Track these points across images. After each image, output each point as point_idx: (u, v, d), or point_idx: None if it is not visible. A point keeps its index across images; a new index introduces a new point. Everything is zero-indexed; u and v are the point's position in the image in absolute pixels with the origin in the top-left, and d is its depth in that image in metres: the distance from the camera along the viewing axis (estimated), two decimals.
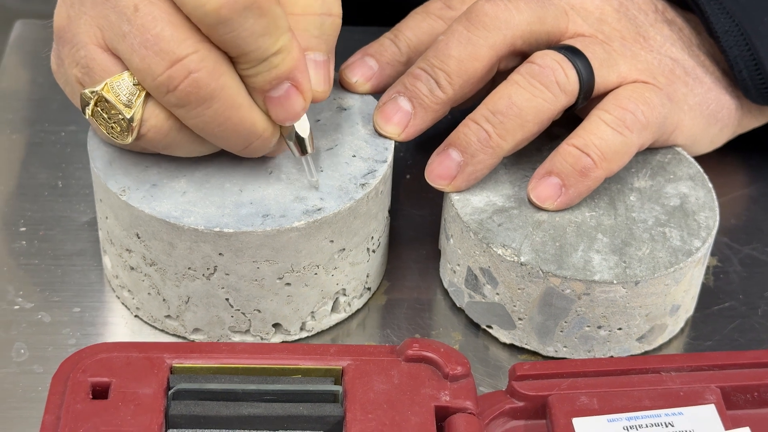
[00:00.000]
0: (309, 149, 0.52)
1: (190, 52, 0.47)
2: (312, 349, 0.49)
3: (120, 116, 0.49)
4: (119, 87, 0.49)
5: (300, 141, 0.51)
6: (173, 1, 0.47)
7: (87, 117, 0.50)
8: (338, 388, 0.48)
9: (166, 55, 0.47)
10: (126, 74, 0.49)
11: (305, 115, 0.51)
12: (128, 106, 0.49)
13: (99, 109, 0.50)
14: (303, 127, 0.51)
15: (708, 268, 0.59)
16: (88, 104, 0.50)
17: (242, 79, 0.49)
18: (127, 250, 0.53)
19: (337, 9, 0.51)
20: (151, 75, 0.47)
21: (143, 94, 0.49)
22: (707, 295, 0.58)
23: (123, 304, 0.56)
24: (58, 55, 0.51)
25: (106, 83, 0.49)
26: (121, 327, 0.55)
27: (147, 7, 0.47)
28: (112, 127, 0.50)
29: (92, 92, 0.49)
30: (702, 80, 0.59)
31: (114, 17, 0.48)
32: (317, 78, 0.51)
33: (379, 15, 0.69)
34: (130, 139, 0.50)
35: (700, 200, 0.56)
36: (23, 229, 0.59)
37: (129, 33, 0.47)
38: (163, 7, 0.47)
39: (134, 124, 0.49)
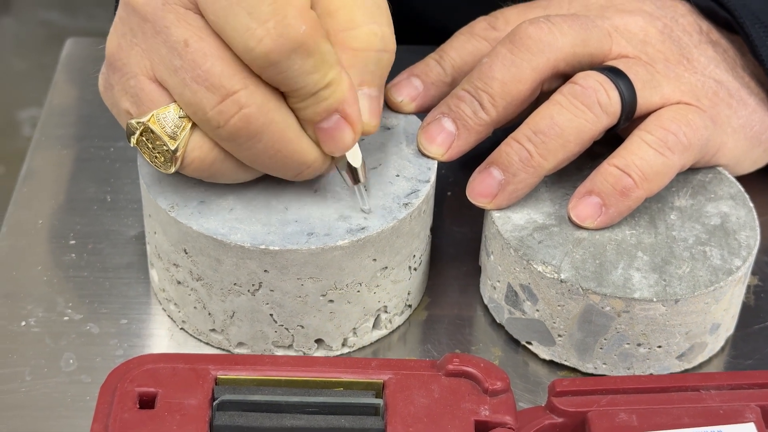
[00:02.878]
0: (361, 179, 0.53)
1: (240, 87, 0.48)
2: (353, 362, 0.50)
3: (164, 147, 0.50)
4: (165, 119, 0.50)
5: (352, 171, 0.52)
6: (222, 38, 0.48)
7: (132, 145, 0.51)
8: (379, 401, 0.49)
9: (216, 90, 0.48)
10: (172, 106, 0.50)
11: (357, 145, 0.52)
12: (173, 138, 0.50)
13: (144, 138, 0.51)
14: (355, 157, 0.52)
15: (749, 287, 0.60)
16: (133, 133, 0.51)
17: (293, 111, 0.50)
18: (175, 264, 0.54)
19: (392, 45, 0.52)
20: (202, 109, 0.49)
21: (188, 126, 0.50)
22: (748, 314, 0.58)
23: (169, 316, 0.57)
24: (107, 80, 0.52)
25: (153, 114, 0.50)
26: (166, 339, 0.56)
27: (197, 42, 0.48)
28: (156, 157, 0.51)
29: (138, 123, 0.50)
30: (746, 102, 0.60)
31: (165, 51, 0.49)
32: (369, 112, 0.52)
33: (424, 35, 0.70)
34: (173, 169, 0.51)
35: (741, 219, 0.56)
36: (73, 242, 0.60)
37: (180, 67, 0.48)
38: (212, 43, 0.48)
39: (178, 155, 0.50)
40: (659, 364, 0.55)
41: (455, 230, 0.62)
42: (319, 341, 0.55)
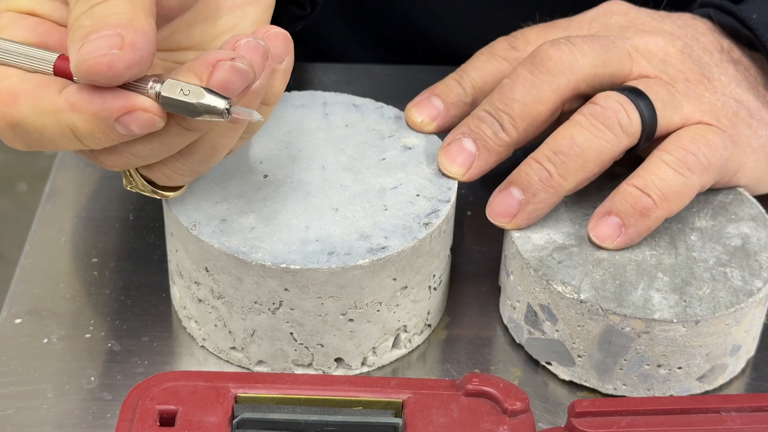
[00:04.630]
0: (222, 104, 0.46)
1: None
2: (373, 381, 0.50)
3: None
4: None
5: (210, 109, 0.46)
6: None
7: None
8: (398, 420, 0.49)
9: None
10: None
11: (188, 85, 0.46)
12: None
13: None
14: (196, 95, 0.46)
15: None
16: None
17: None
18: (196, 282, 0.54)
19: None
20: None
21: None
22: None
23: (190, 334, 0.57)
24: None
25: None
26: (187, 357, 0.56)
27: None
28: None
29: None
30: (767, 121, 0.59)
31: None
32: None
33: (444, 55, 0.71)
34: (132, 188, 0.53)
35: (762, 241, 0.56)
36: (95, 260, 0.61)
37: None
38: None
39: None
40: (679, 386, 0.55)
41: (475, 250, 0.62)
42: (338, 360, 0.55)
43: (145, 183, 0.52)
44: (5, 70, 0.47)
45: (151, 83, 0.46)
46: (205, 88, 0.46)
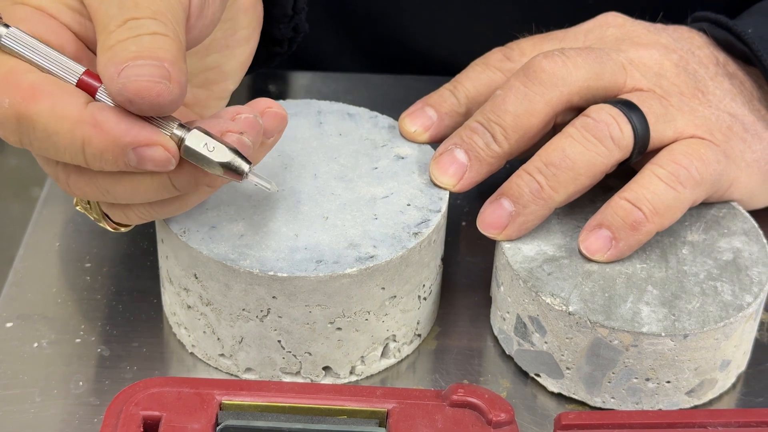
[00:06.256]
0: (244, 167, 0.47)
1: None
2: (358, 390, 0.50)
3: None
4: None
5: (229, 167, 0.47)
6: None
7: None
8: (382, 430, 0.49)
9: None
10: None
11: (212, 139, 0.47)
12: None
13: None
14: (219, 154, 0.47)
15: (762, 323, 0.59)
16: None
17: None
18: (185, 289, 0.54)
19: None
20: None
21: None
22: (761, 351, 0.58)
23: (179, 341, 0.57)
24: None
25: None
26: (176, 363, 0.56)
27: None
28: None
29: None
30: (761, 136, 0.59)
31: None
32: None
33: (438, 66, 0.71)
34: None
35: (754, 255, 0.56)
36: (88, 265, 0.61)
37: None
38: None
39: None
40: (668, 400, 0.54)
41: (468, 260, 0.62)
42: (326, 369, 0.55)
43: (100, 212, 0.53)
44: (23, 65, 0.47)
45: (176, 126, 0.46)
46: (231, 148, 0.46)
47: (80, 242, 0.62)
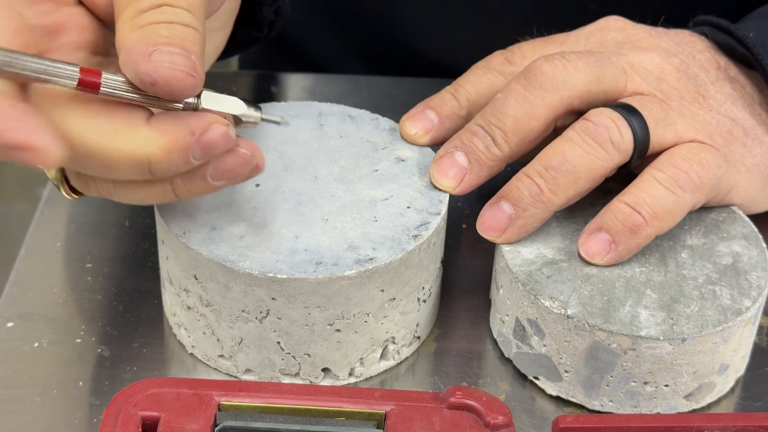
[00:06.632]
0: (254, 114, 0.49)
1: None
2: (356, 392, 0.50)
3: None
4: None
5: (241, 118, 0.49)
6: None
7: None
8: (380, 431, 0.49)
9: None
10: None
11: (218, 95, 0.49)
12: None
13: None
14: (232, 105, 0.49)
15: (761, 328, 0.59)
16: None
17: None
18: (185, 290, 0.55)
19: None
20: None
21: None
22: (759, 356, 0.58)
23: (179, 341, 0.57)
24: None
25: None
26: (176, 364, 0.56)
27: None
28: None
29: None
30: (761, 140, 0.59)
31: None
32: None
33: (440, 69, 0.71)
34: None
35: (753, 260, 0.56)
36: (89, 265, 0.61)
37: None
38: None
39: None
40: (666, 404, 0.54)
41: (468, 263, 0.62)
42: (326, 370, 0.55)
43: (61, 176, 0.53)
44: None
45: (188, 100, 0.47)
46: (241, 98, 0.48)
47: (82, 242, 0.62)
